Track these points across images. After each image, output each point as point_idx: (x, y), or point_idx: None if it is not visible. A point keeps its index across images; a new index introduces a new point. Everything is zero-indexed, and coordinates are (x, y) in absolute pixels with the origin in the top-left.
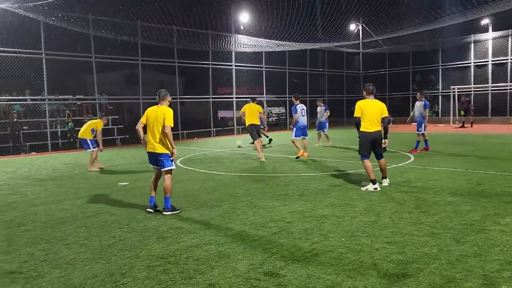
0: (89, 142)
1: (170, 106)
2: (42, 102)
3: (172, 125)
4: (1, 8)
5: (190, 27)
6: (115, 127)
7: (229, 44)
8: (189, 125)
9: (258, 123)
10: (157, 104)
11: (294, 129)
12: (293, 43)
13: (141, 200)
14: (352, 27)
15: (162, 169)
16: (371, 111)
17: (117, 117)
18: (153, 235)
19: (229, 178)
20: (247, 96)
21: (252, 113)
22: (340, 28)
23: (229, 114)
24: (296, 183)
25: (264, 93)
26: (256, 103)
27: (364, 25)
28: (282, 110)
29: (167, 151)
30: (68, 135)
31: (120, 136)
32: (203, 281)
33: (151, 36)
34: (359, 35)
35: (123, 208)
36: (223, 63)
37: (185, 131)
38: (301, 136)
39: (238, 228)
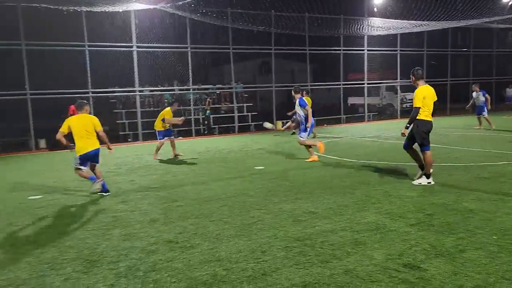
0: (157, 133)
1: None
2: (187, 91)
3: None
4: (156, 8)
5: (322, 13)
6: (249, 114)
7: (362, 28)
8: (319, 112)
9: None
10: (75, 115)
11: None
12: (434, 22)
13: (276, 184)
14: None
15: (97, 163)
16: (432, 97)
17: (251, 104)
18: (289, 218)
19: (361, 165)
20: (379, 81)
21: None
22: (490, 1)
23: (360, 101)
24: (437, 173)
25: (398, 77)
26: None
27: None
28: None
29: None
30: (206, 122)
31: (254, 123)
32: (340, 266)
33: (284, 25)
34: None
35: (260, 191)
36: (355, 48)
37: (314, 118)
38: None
39: (373, 217)
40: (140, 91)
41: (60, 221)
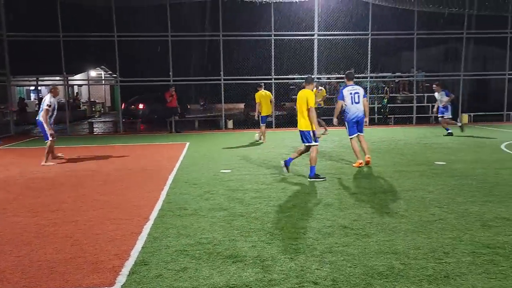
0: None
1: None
2: (364, 79)
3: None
4: None
5: None
6: (429, 104)
7: None
8: None
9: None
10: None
11: (346, 124)
12: None
13: (461, 182)
14: None
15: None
16: None
17: (432, 94)
18: (476, 221)
19: None
20: None
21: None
22: None
23: None
24: None
25: None
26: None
27: None
28: None
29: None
30: (382, 110)
31: (435, 115)
32: None
33: (484, 6)
34: None
35: (440, 187)
36: None
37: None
38: (356, 133)
39: None
40: (318, 78)
41: (245, 194)
